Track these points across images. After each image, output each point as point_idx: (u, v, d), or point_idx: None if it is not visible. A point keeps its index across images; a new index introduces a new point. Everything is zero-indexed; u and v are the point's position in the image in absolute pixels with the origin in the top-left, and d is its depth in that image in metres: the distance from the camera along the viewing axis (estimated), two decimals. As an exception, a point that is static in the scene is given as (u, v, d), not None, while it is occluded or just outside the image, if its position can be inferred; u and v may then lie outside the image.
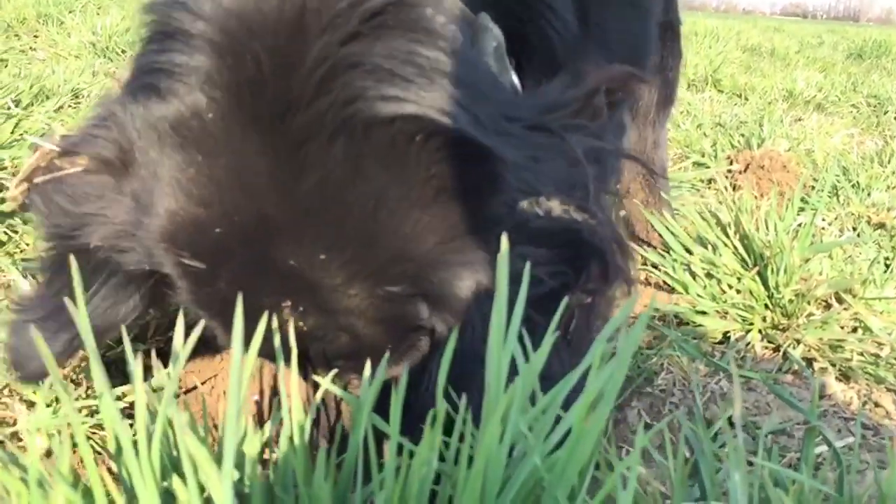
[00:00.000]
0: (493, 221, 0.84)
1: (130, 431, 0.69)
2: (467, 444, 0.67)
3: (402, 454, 0.65)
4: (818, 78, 6.04)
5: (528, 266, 0.72)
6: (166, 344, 1.31)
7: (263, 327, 0.76)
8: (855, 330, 1.66)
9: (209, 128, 0.79)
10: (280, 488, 0.68)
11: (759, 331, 1.65)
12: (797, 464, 1.18)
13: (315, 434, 1.09)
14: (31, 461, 0.60)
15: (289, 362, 1.02)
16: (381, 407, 0.72)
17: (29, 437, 0.61)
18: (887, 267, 1.94)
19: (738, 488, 0.71)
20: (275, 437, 0.77)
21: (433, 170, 0.81)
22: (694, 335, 1.64)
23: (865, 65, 8.09)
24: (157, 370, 0.81)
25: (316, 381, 0.83)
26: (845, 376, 1.54)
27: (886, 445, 1.28)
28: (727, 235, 1.86)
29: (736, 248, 1.83)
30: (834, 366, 1.56)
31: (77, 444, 0.64)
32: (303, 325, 0.84)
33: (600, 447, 0.83)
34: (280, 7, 0.79)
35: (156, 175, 0.83)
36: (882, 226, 2.45)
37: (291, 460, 0.68)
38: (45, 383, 1.08)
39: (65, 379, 1.29)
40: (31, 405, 1.20)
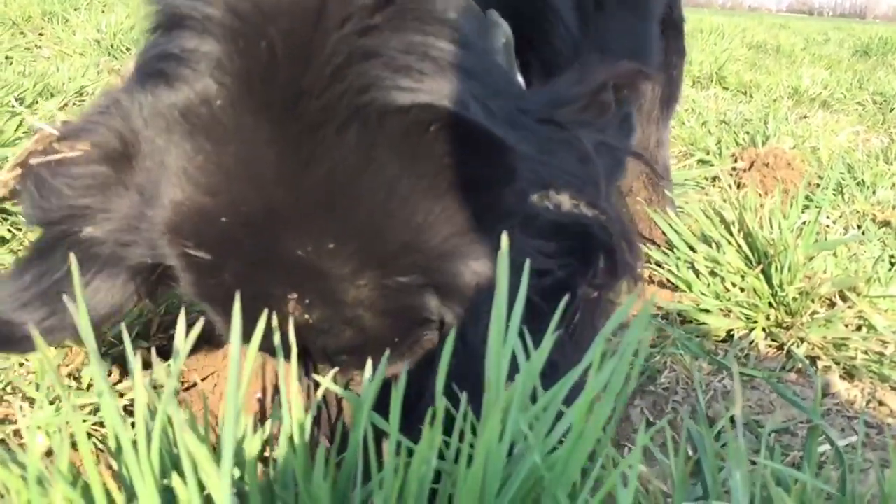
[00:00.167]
0: (504, 213, 0.83)
1: (131, 429, 0.69)
2: (467, 443, 0.67)
3: (403, 453, 0.65)
4: (824, 75, 6.02)
5: (528, 264, 0.72)
6: (169, 342, 1.31)
7: (265, 322, 0.76)
8: (859, 328, 1.65)
9: (218, 115, 0.78)
10: (280, 487, 0.68)
11: (763, 329, 1.64)
12: (800, 462, 1.17)
13: (316, 432, 1.09)
14: (30, 459, 0.60)
15: (289, 358, 1.03)
16: (384, 405, 0.72)
17: (28, 435, 0.61)
18: (892, 265, 1.94)
19: (740, 487, 0.70)
20: (276, 436, 0.77)
21: (446, 160, 0.80)
22: (697, 333, 1.64)
23: (871, 62, 8.06)
24: (157, 367, 0.81)
25: (317, 379, 0.83)
26: (849, 375, 1.53)
27: (889, 444, 1.27)
28: (731, 233, 1.86)
29: (740, 246, 1.82)
30: (838, 364, 1.55)
31: (75, 443, 0.64)
32: (308, 318, 0.83)
33: (605, 445, 0.83)
34: None
35: (162, 164, 0.81)
36: (887, 224, 2.44)
37: (291, 459, 0.68)
38: (45, 382, 1.08)
39: (67, 377, 1.29)
40: (33, 402, 1.21)
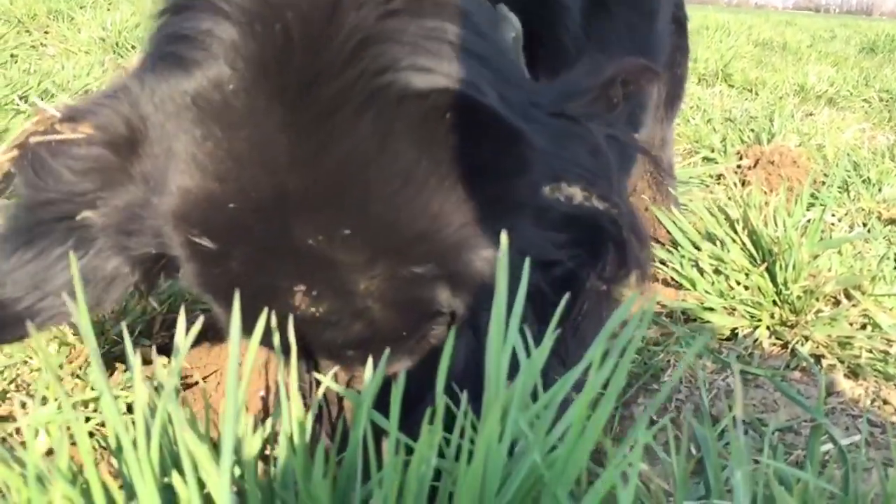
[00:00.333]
0: (516, 203, 0.83)
1: (133, 427, 0.69)
2: (467, 440, 0.66)
3: (402, 452, 0.65)
4: (830, 72, 6.01)
5: (527, 263, 0.72)
6: (172, 340, 1.31)
7: (268, 317, 0.76)
8: (864, 327, 1.65)
9: (231, 100, 0.77)
10: (280, 486, 0.68)
11: (767, 327, 1.64)
12: (804, 461, 1.17)
13: (318, 430, 1.09)
14: (30, 457, 0.60)
15: (296, 355, 1.02)
16: (387, 403, 0.71)
17: (28, 433, 0.61)
18: (897, 263, 1.93)
19: (741, 486, 0.70)
20: (277, 434, 0.77)
21: (462, 147, 0.79)
22: (701, 332, 1.63)
23: (878, 59, 8.04)
24: (157, 365, 0.81)
25: (319, 376, 0.83)
26: (854, 373, 1.53)
27: (893, 443, 1.27)
28: (735, 231, 1.85)
29: (744, 244, 1.82)
30: (842, 363, 1.55)
31: (75, 442, 0.64)
32: (315, 310, 0.82)
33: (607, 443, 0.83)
34: None
35: (169, 151, 0.80)
36: (893, 221, 2.44)
37: (291, 458, 0.68)
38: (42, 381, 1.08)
39: (71, 375, 1.29)
40: (42, 400, 1.21)
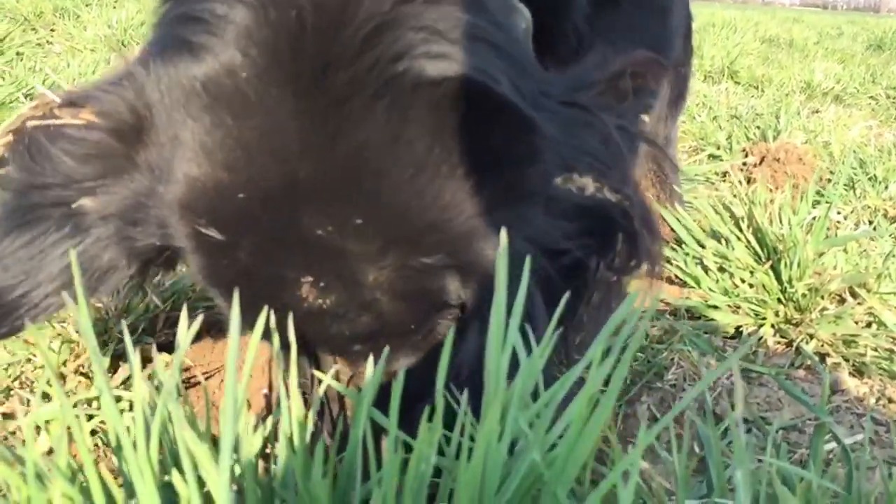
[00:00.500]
0: (527, 193, 0.83)
1: (134, 426, 0.69)
2: (467, 437, 0.66)
3: (401, 451, 0.64)
4: (837, 69, 5.98)
5: (528, 261, 0.72)
6: (175, 338, 1.31)
7: (269, 314, 0.75)
8: (869, 325, 1.64)
9: (242, 87, 0.75)
10: (280, 485, 0.68)
11: (772, 325, 1.63)
12: (808, 460, 1.16)
13: (321, 427, 1.09)
14: (29, 455, 0.60)
15: (299, 352, 1.02)
16: (388, 396, 0.70)
17: (27, 431, 0.61)
18: (903, 261, 1.92)
19: (742, 486, 0.70)
20: (278, 432, 0.77)
21: (475, 136, 0.79)
22: (705, 329, 1.63)
23: (885, 56, 8.01)
24: (157, 363, 0.80)
25: (319, 375, 0.83)
26: (859, 372, 1.52)
27: (897, 442, 1.26)
28: (740, 229, 1.85)
29: (749, 242, 1.81)
30: (847, 361, 1.54)
31: (75, 440, 0.64)
32: (323, 302, 0.81)
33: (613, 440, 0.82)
34: None
35: (176, 139, 0.79)
36: (899, 219, 2.43)
37: (290, 456, 0.68)
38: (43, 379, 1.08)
39: (74, 373, 1.29)
40: (44, 397, 1.21)
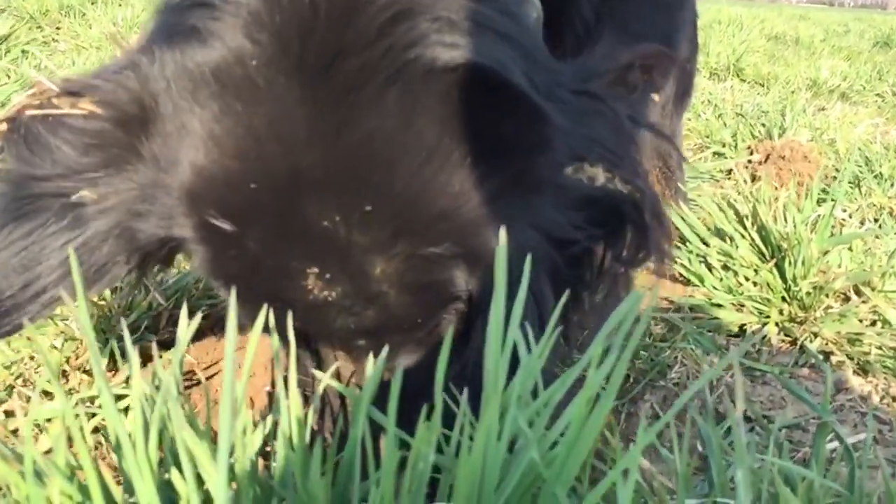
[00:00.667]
0: (536, 182, 0.82)
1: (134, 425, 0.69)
2: (466, 435, 0.66)
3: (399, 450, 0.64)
4: (843, 67, 5.96)
5: (529, 259, 0.71)
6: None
7: (268, 312, 0.75)
8: (874, 323, 1.64)
9: (252, 75, 0.74)
10: (279, 483, 0.68)
11: (776, 324, 1.63)
12: (811, 459, 1.16)
13: (322, 425, 1.09)
14: (27, 453, 0.60)
15: (301, 349, 1.01)
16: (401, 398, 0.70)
17: (26, 429, 0.61)
18: (908, 259, 1.91)
19: (742, 485, 0.69)
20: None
21: (486, 124, 0.78)
22: (709, 328, 1.63)
23: (892, 53, 7.97)
24: (157, 361, 0.80)
25: (319, 374, 0.82)
26: (863, 370, 1.52)
27: (902, 441, 1.26)
28: (744, 227, 1.84)
29: (753, 240, 1.81)
30: (852, 359, 1.54)
31: (74, 438, 0.64)
32: (329, 294, 0.80)
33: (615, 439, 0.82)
34: None
35: (183, 128, 0.77)
36: (904, 217, 2.42)
37: (290, 455, 0.68)
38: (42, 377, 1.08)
39: (77, 370, 1.30)
40: (45, 395, 1.21)
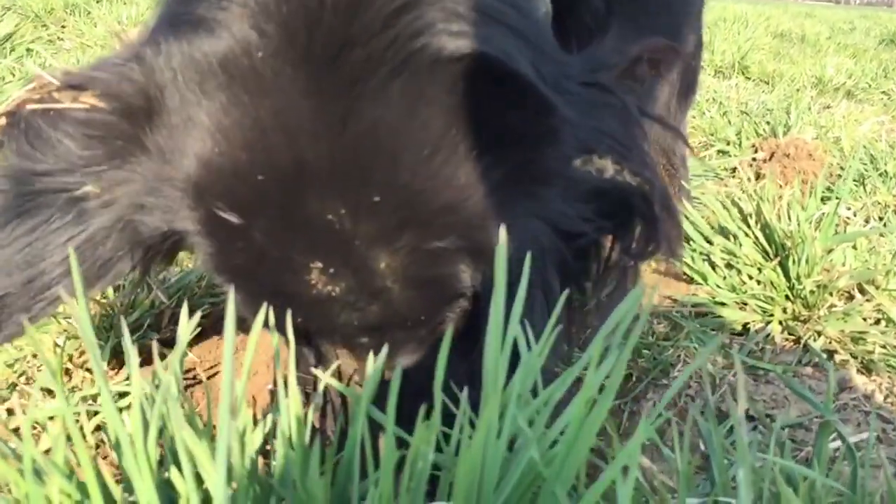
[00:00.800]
0: (546, 175, 0.82)
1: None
2: (466, 434, 0.66)
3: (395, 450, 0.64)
4: (849, 64, 5.94)
5: (528, 257, 0.71)
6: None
7: (271, 310, 0.75)
8: (878, 322, 1.63)
9: (258, 66, 0.74)
10: (278, 482, 0.68)
11: (780, 322, 1.63)
12: (813, 458, 1.16)
13: (324, 423, 1.09)
14: (26, 451, 0.60)
15: (303, 346, 1.01)
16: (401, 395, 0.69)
17: (25, 427, 0.61)
18: (912, 258, 1.91)
19: (743, 484, 0.69)
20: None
21: (493, 115, 0.78)
22: (712, 326, 1.62)
23: (898, 51, 7.95)
24: (156, 360, 0.80)
25: (319, 373, 0.82)
26: (867, 369, 1.51)
27: (905, 440, 1.25)
28: (748, 225, 1.84)
29: (757, 238, 1.80)
30: (855, 358, 1.53)
31: (73, 437, 0.64)
32: (332, 289, 0.80)
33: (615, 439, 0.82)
34: None
35: (190, 120, 0.77)
36: (909, 215, 2.41)
37: (289, 454, 0.68)
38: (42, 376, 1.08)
39: (80, 368, 1.30)
40: (49, 393, 1.22)
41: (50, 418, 1.14)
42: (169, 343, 1.31)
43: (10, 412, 1.18)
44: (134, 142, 0.80)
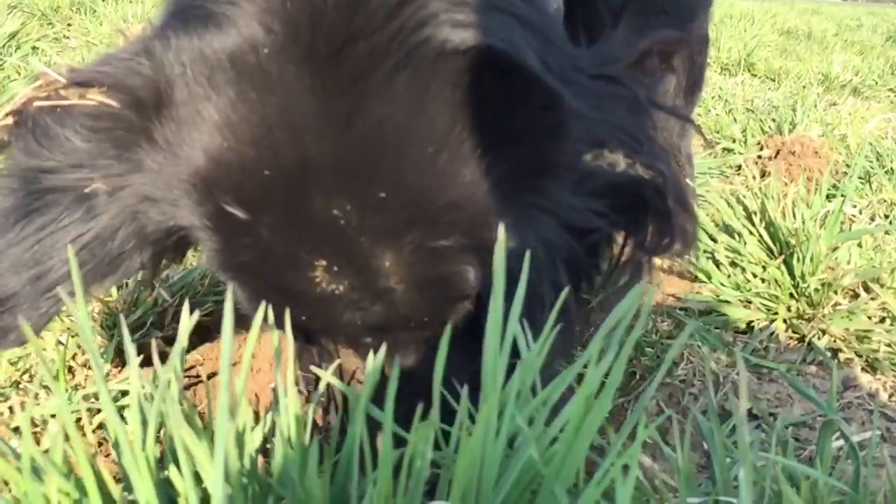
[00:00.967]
0: (555, 170, 0.81)
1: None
2: (465, 431, 0.66)
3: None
4: (855, 61, 5.92)
5: (528, 255, 0.71)
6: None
7: (269, 309, 0.75)
8: (882, 320, 1.63)
9: (264, 63, 0.74)
10: (277, 481, 0.68)
11: (784, 320, 1.62)
12: (817, 457, 1.15)
13: (326, 423, 1.09)
14: (24, 450, 0.60)
15: (306, 344, 1.01)
16: (402, 395, 0.68)
17: (24, 425, 0.61)
18: (918, 256, 1.90)
19: (744, 484, 0.69)
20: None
21: (500, 110, 0.77)
22: (716, 324, 1.62)
23: (905, 48, 7.91)
24: (155, 359, 0.80)
25: (319, 372, 0.82)
26: (872, 367, 1.51)
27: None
28: (752, 223, 1.83)
29: (761, 236, 1.80)
30: (860, 356, 1.53)
31: (70, 435, 0.64)
32: (336, 287, 0.79)
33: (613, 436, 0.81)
34: None
35: (199, 115, 0.76)
36: (915, 213, 2.40)
37: (288, 453, 0.68)
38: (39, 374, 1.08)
39: (82, 366, 1.30)
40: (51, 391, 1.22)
41: (53, 416, 1.14)
42: (172, 341, 1.30)
43: (13, 410, 1.18)
44: (142, 133, 0.80)
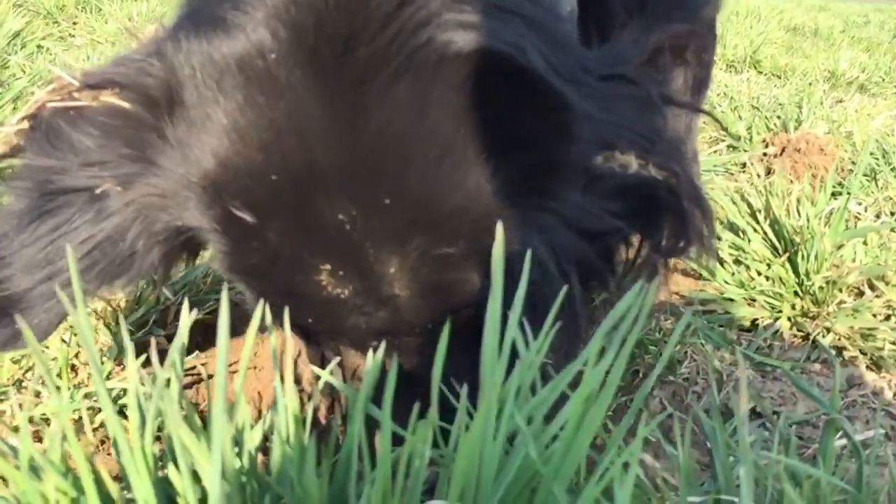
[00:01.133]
0: (563, 174, 0.81)
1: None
2: (464, 428, 0.65)
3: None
4: (862, 58, 5.89)
5: (528, 255, 0.70)
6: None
7: (267, 309, 0.75)
8: (888, 318, 1.62)
9: (271, 68, 0.74)
10: (276, 480, 0.68)
11: (788, 318, 1.61)
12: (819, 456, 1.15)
13: (331, 422, 1.09)
14: (23, 449, 0.60)
15: (312, 343, 1.01)
16: (402, 395, 0.69)
17: (22, 424, 0.61)
18: (924, 253, 1.89)
19: (745, 482, 0.69)
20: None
21: (505, 114, 0.77)
22: (720, 323, 1.61)
23: (913, 44, 7.87)
24: (154, 358, 0.80)
25: (319, 371, 0.82)
26: (876, 365, 1.50)
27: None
28: (757, 221, 1.83)
29: (766, 234, 1.79)
30: (865, 355, 1.52)
31: (67, 435, 0.64)
32: (340, 291, 0.80)
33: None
34: None
35: (208, 118, 0.77)
36: (921, 211, 2.39)
37: (286, 452, 0.68)
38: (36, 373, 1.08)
39: (85, 365, 1.30)
40: (55, 389, 1.22)
41: (54, 414, 1.15)
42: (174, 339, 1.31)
43: (17, 408, 1.19)
44: (154, 131, 0.80)
